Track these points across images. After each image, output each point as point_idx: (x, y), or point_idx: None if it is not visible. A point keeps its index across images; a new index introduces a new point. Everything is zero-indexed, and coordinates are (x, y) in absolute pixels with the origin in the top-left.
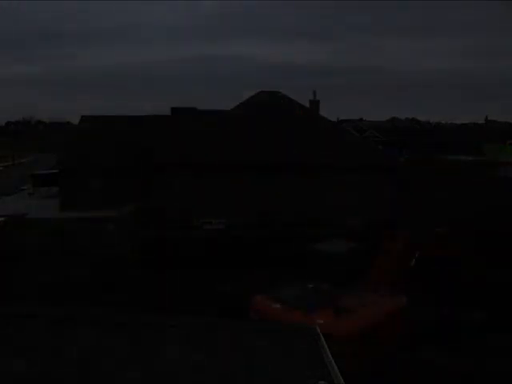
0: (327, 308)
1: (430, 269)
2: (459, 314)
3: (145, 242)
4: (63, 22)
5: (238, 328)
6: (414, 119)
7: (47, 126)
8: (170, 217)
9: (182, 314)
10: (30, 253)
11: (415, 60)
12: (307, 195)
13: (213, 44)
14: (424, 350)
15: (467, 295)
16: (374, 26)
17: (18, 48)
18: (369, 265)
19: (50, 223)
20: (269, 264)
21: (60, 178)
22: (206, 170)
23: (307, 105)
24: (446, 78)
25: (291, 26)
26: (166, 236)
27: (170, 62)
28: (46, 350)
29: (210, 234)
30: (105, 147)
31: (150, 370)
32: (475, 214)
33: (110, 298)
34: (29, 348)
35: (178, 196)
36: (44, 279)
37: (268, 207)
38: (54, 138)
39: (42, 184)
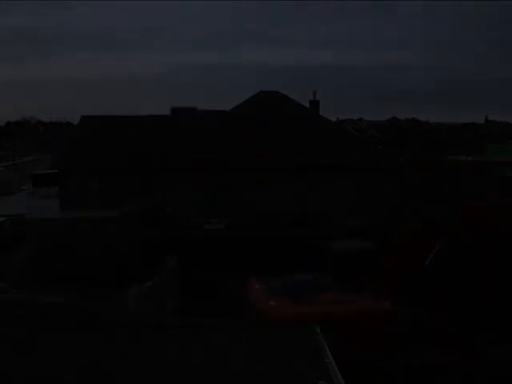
0: (289, 297)
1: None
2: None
3: (145, 242)
4: (63, 23)
5: (238, 328)
6: (414, 119)
7: (47, 126)
8: (170, 217)
9: (182, 314)
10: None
11: (415, 60)
12: (307, 195)
13: (212, 47)
14: (418, 350)
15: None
16: (373, 25)
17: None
18: (375, 264)
19: (50, 223)
20: (269, 264)
21: (60, 178)
22: (206, 170)
23: (307, 105)
24: (446, 78)
25: (291, 26)
26: (166, 236)
27: (170, 65)
28: (46, 350)
29: (210, 234)
30: (105, 147)
31: (150, 370)
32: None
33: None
34: (28, 348)
35: (177, 196)
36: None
37: (268, 207)
38: (54, 138)
39: (42, 184)
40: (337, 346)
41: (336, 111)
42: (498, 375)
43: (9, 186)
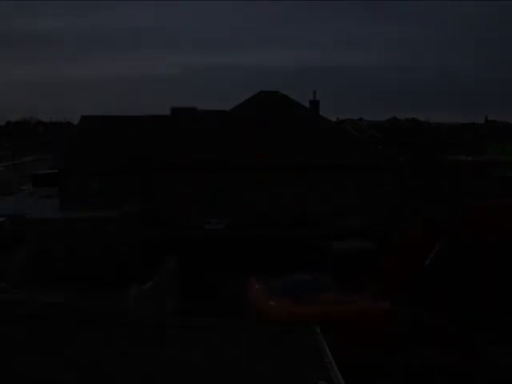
0: (289, 297)
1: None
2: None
3: (145, 242)
4: (63, 23)
5: (238, 328)
6: (414, 119)
7: (47, 126)
8: (169, 217)
9: (182, 314)
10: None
11: (415, 60)
12: (307, 195)
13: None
14: (418, 350)
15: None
16: (373, 25)
17: (18, 47)
18: (375, 264)
19: (50, 223)
20: (269, 264)
21: (60, 178)
22: (206, 170)
23: (307, 105)
24: (445, 77)
25: (291, 26)
26: (166, 236)
27: (170, 64)
28: (46, 350)
29: (210, 234)
30: (105, 147)
31: (150, 370)
32: None
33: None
34: (28, 347)
35: (178, 196)
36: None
37: (268, 207)
38: (54, 138)
39: (42, 184)
40: (337, 346)
41: (336, 111)
42: (498, 375)
43: (9, 186)
